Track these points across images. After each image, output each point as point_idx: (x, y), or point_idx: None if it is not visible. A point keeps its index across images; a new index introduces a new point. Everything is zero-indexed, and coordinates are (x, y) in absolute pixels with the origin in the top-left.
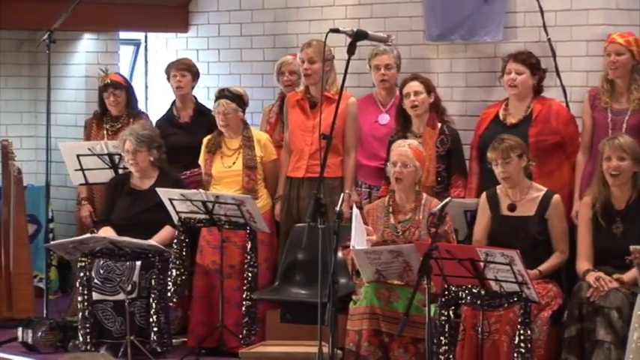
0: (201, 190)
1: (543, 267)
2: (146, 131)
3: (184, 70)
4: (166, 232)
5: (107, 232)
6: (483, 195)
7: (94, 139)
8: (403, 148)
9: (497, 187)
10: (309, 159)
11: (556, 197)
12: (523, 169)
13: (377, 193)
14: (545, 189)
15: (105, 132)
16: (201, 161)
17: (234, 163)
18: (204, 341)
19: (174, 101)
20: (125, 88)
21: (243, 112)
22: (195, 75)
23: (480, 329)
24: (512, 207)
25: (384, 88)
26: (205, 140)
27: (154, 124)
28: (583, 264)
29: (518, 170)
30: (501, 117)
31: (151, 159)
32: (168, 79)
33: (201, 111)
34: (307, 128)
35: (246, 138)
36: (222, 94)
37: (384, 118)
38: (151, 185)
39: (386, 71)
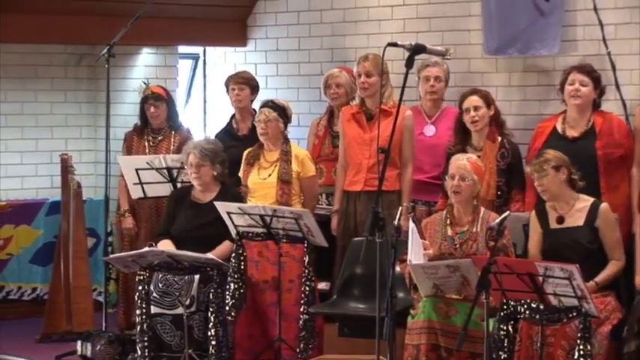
0: (259, 203)
1: (599, 278)
2: (210, 145)
3: (242, 84)
4: (225, 246)
5: (166, 245)
6: (533, 212)
7: (135, 152)
8: (462, 161)
9: (546, 202)
10: (368, 172)
11: (604, 205)
12: (566, 182)
13: (421, 207)
14: (592, 199)
15: (146, 144)
16: (240, 173)
17: (269, 175)
18: (261, 354)
19: (233, 114)
20: (166, 100)
21: (285, 125)
22: (254, 88)
23: (538, 344)
24: (560, 219)
25: (431, 99)
26: (246, 152)
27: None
28: None
29: (557, 183)
30: (560, 130)
31: (214, 173)
32: (228, 91)
33: None
34: (365, 141)
35: (284, 152)
36: (266, 103)
37: (430, 130)
38: (212, 199)
39: (435, 83)
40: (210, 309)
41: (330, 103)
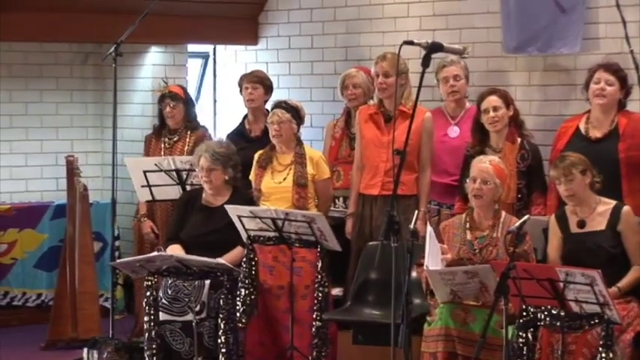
0: (270, 207)
1: (622, 283)
2: (222, 149)
3: (256, 83)
4: (237, 252)
5: (176, 250)
6: (552, 216)
7: (152, 154)
8: (484, 164)
9: (566, 206)
10: (385, 176)
11: (626, 208)
12: (589, 186)
13: (446, 210)
14: (614, 202)
15: (163, 145)
16: (251, 176)
17: (284, 179)
18: None
19: (246, 115)
20: (183, 100)
21: (298, 126)
22: (269, 88)
23: (559, 351)
24: (581, 223)
25: (454, 100)
26: (257, 155)
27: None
28: None
29: (583, 187)
30: (583, 131)
31: (226, 177)
32: (241, 91)
33: None
34: (382, 144)
35: (298, 155)
36: (278, 104)
37: (454, 131)
38: (223, 203)
39: (455, 82)
40: (221, 315)
41: (347, 104)
